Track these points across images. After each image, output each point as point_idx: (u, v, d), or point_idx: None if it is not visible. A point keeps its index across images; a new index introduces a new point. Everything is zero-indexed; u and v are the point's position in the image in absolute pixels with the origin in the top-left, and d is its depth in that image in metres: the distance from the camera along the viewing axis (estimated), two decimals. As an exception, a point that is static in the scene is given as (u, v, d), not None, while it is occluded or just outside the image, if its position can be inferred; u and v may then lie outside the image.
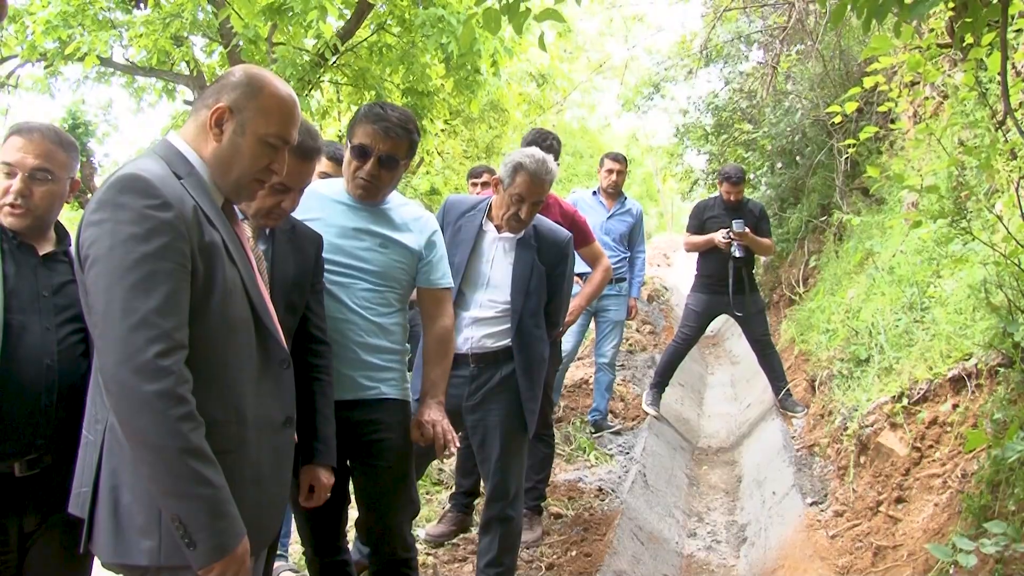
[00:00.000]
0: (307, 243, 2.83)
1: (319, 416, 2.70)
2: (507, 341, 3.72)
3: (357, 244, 3.04)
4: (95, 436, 2.02)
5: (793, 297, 10.52)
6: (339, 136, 14.53)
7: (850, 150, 8.67)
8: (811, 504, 5.02)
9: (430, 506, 5.09)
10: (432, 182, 17.22)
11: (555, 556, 4.53)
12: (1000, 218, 4.28)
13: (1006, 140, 4.02)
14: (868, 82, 4.58)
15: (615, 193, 6.85)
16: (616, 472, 5.92)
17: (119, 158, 18.12)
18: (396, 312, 3.11)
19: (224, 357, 2.00)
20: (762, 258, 10.61)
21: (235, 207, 2.23)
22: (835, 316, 7.38)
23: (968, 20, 2.95)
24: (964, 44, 3.72)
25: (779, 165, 11.98)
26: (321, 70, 10.66)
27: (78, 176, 2.66)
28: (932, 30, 5.23)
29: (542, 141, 4.82)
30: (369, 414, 3.01)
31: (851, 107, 4.56)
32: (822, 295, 8.65)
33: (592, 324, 6.96)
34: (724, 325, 12.04)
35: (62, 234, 2.59)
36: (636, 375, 8.75)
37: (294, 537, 4.48)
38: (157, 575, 1.95)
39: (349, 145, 3.03)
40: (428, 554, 4.43)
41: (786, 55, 11.74)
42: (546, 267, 3.80)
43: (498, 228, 3.77)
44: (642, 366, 9.21)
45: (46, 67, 11.80)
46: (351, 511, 3.17)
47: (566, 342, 5.92)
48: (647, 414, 7.23)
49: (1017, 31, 4.88)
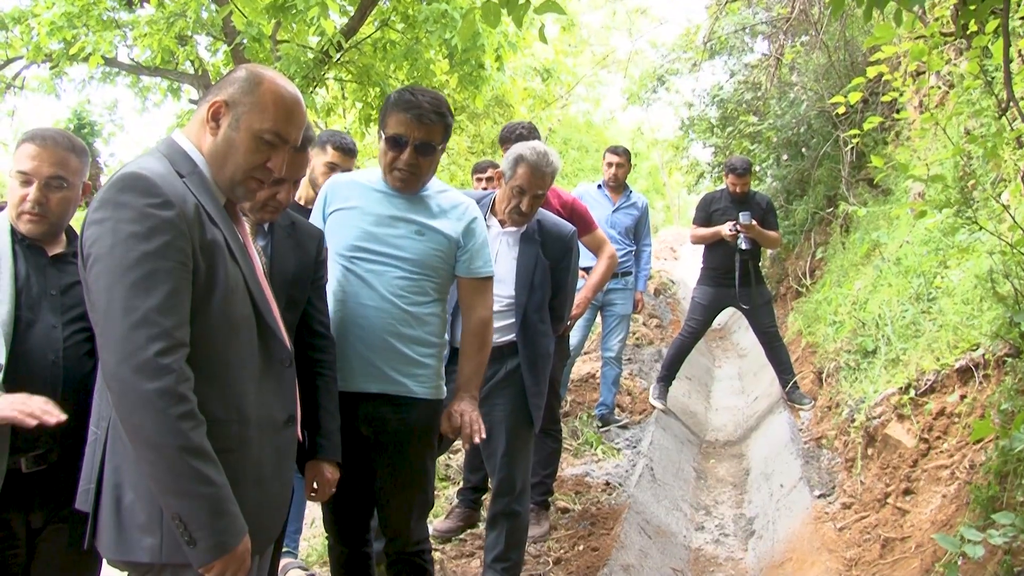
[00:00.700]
0: (307, 239, 2.81)
1: (322, 411, 2.69)
2: (512, 336, 3.71)
3: (392, 232, 2.98)
4: (100, 433, 2.03)
5: (800, 289, 10.50)
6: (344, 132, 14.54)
7: (855, 141, 8.63)
8: (819, 496, 5.01)
9: (438, 502, 5.09)
10: (437, 177, 17.20)
11: (562, 550, 4.53)
12: (1007, 207, 4.26)
13: (1012, 128, 4.00)
14: (871, 72, 4.56)
15: (618, 187, 6.83)
16: (623, 466, 5.92)
17: (125, 158, 18.18)
18: (433, 302, 3.04)
19: (226, 355, 2.00)
20: (768, 251, 10.58)
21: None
22: (842, 308, 7.36)
23: (971, 7, 2.93)
24: (968, 32, 3.70)
25: (784, 157, 11.95)
26: (325, 67, 10.66)
27: (89, 179, 2.67)
28: (937, 19, 5.20)
29: (513, 133, 4.79)
30: (396, 413, 2.97)
31: (855, 97, 4.54)
32: (829, 287, 8.62)
33: (599, 318, 6.96)
34: (731, 318, 12.02)
35: (72, 236, 2.60)
36: (643, 369, 8.73)
37: (304, 533, 4.50)
38: (160, 572, 1.96)
39: (383, 135, 2.96)
40: (436, 549, 4.43)
41: (791, 46, 11.71)
42: (550, 261, 3.79)
43: (502, 223, 3.77)
44: (649, 360, 9.19)
45: (51, 68, 11.84)
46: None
47: (573, 336, 5.91)
48: (654, 408, 7.22)
49: (1022, 18, 4.86)
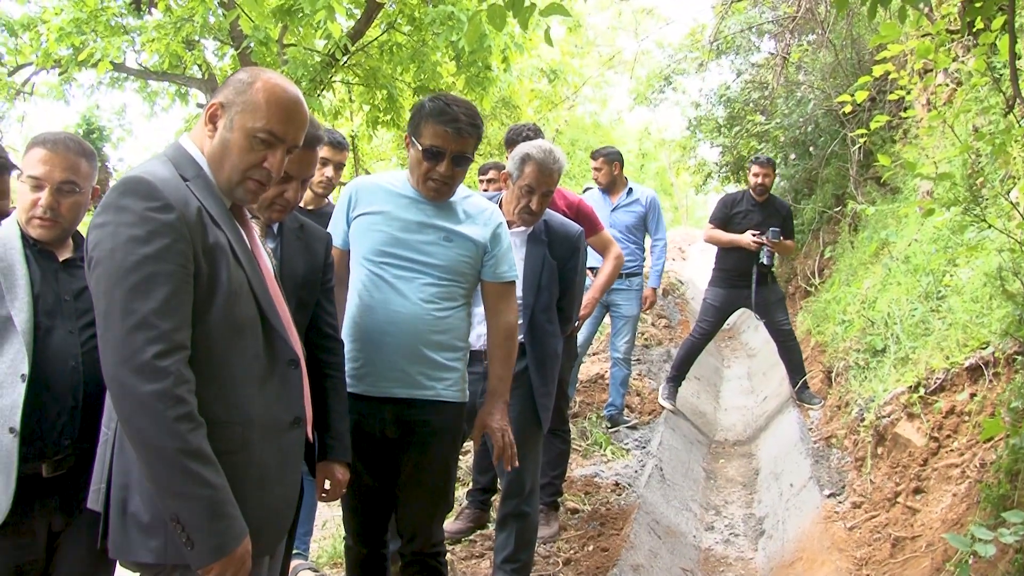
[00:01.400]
0: (315, 241, 2.83)
1: (332, 412, 2.70)
2: (519, 337, 3.71)
3: (421, 238, 3.00)
4: (110, 433, 2.05)
5: (809, 288, 10.48)
6: (351, 135, 14.58)
7: (862, 139, 8.62)
8: (829, 496, 5.00)
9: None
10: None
11: (572, 551, 4.53)
12: (1015, 205, 4.24)
13: (1020, 125, 3.98)
14: (878, 70, 4.56)
15: (609, 187, 6.78)
16: (632, 467, 5.91)
17: (134, 162, 18.23)
18: (460, 307, 3.07)
19: (227, 358, 2.00)
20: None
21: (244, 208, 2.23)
22: (851, 307, 7.35)
23: (977, 4, 2.93)
24: (974, 29, 3.69)
25: (792, 156, 11.92)
26: (332, 70, 10.69)
27: (98, 184, 2.68)
28: (943, 16, 5.19)
29: (519, 135, 4.78)
30: (422, 415, 2.99)
31: (861, 96, 4.53)
32: (837, 286, 8.61)
33: (607, 319, 6.94)
34: (740, 318, 12.00)
35: (79, 240, 2.61)
36: (652, 369, 8.73)
37: (315, 535, 4.50)
38: (170, 573, 1.97)
39: (417, 145, 2.96)
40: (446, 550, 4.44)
41: (797, 45, 11.68)
42: (558, 261, 3.79)
43: (509, 224, 3.77)
44: (658, 360, 9.19)
45: (60, 74, 11.90)
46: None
47: (579, 334, 5.90)
48: (663, 408, 7.21)
49: (1029, 15, 4.84)
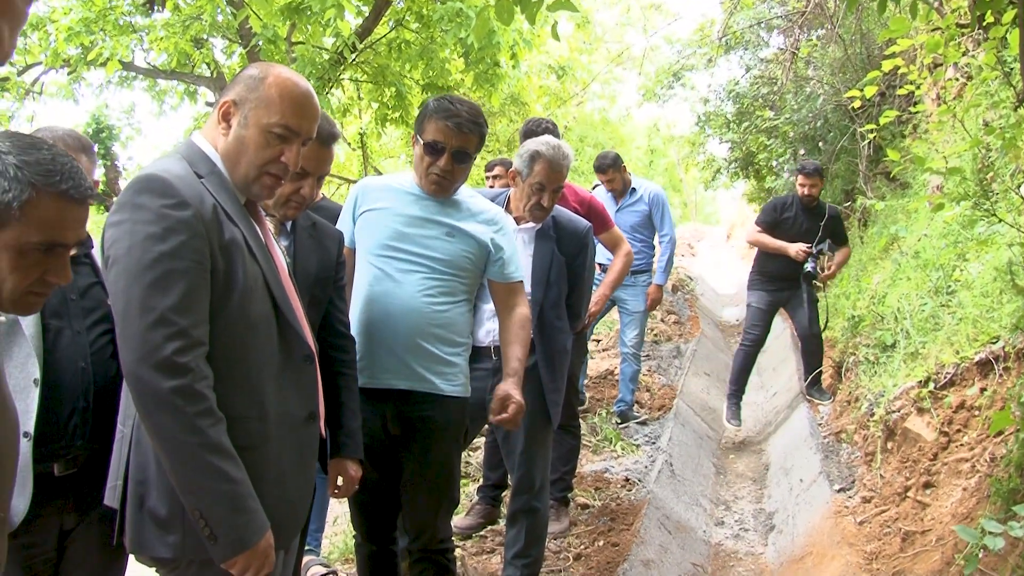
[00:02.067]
0: (328, 239, 2.85)
1: (344, 409, 2.72)
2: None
3: (423, 233, 3.04)
4: (127, 430, 2.07)
5: (818, 284, 10.45)
6: (360, 133, 14.59)
7: (872, 135, 8.59)
8: (839, 491, 5.00)
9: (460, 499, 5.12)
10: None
11: (582, 546, 4.55)
12: (1025, 199, 4.24)
13: (1029, 120, 3.97)
14: (887, 65, 4.55)
15: (618, 191, 6.75)
16: (643, 462, 5.92)
17: (143, 161, 18.27)
18: (461, 303, 3.10)
19: (245, 353, 2.02)
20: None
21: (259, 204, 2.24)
22: (860, 302, 7.34)
23: (986, -1, 2.92)
24: (984, 23, 3.69)
25: (802, 151, 11.90)
26: (341, 68, 10.69)
27: (100, 178, 2.68)
28: (954, 10, 5.18)
29: (538, 127, 4.78)
30: (423, 410, 3.02)
31: (871, 91, 4.53)
32: (847, 281, 8.59)
33: (615, 313, 6.93)
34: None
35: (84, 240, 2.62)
36: (661, 365, 8.73)
37: (326, 531, 4.52)
38: (188, 568, 1.99)
39: (420, 141, 3.04)
40: (456, 546, 4.44)
41: (806, 40, 11.65)
42: (566, 257, 3.80)
43: (517, 220, 3.78)
44: (667, 356, 9.19)
45: (69, 73, 11.94)
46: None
47: None
48: (729, 426, 7.10)
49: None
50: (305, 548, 3.29)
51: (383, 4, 10.51)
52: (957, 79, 7.22)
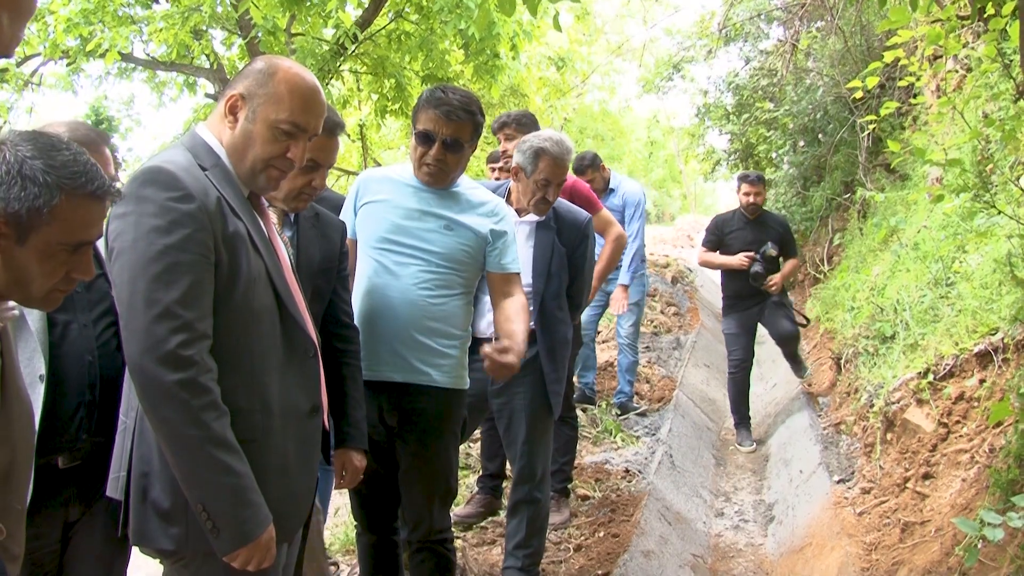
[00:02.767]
0: (331, 230, 2.85)
1: (349, 400, 2.72)
2: (530, 324, 3.73)
3: (421, 226, 3.04)
4: (129, 422, 2.07)
5: (818, 276, 10.48)
6: (360, 125, 14.58)
7: (871, 126, 8.59)
8: (838, 482, 5.02)
9: (459, 490, 5.13)
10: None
11: (583, 537, 4.56)
12: (1025, 191, 4.24)
13: (1029, 111, 3.98)
14: (888, 56, 4.55)
15: (599, 190, 6.60)
16: (643, 453, 5.94)
17: (143, 153, 18.27)
18: (458, 296, 3.08)
19: (248, 346, 2.02)
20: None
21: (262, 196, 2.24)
22: (860, 294, 7.35)
23: (987, -9, 2.92)
24: (984, 15, 3.69)
25: (801, 143, 11.91)
26: (340, 60, 10.68)
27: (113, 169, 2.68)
28: (953, 1, 5.17)
29: (519, 122, 4.74)
30: (420, 402, 3.02)
31: (872, 82, 4.52)
32: (847, 273, 8.60)
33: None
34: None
35: None
36: (661, 357, 8.74)
37: (328, 522, 4.54)
38: (191, 560, 2.00)
39: (414, 131, 3.04)
40: (457, 537, 4.46)
41: (806, 32, 11.64)
42: (567, 248, 3.80)
43: (519, 212, 3.78)
44: (667, 348, 9.20)
45: (68, 64, 11.89)
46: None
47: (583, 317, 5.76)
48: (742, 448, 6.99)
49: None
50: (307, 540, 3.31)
51: (383, -5, 10.50)
52: (957, 71, 7.22)
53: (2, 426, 1.64)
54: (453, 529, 4.52)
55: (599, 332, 8.21)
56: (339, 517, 4.87)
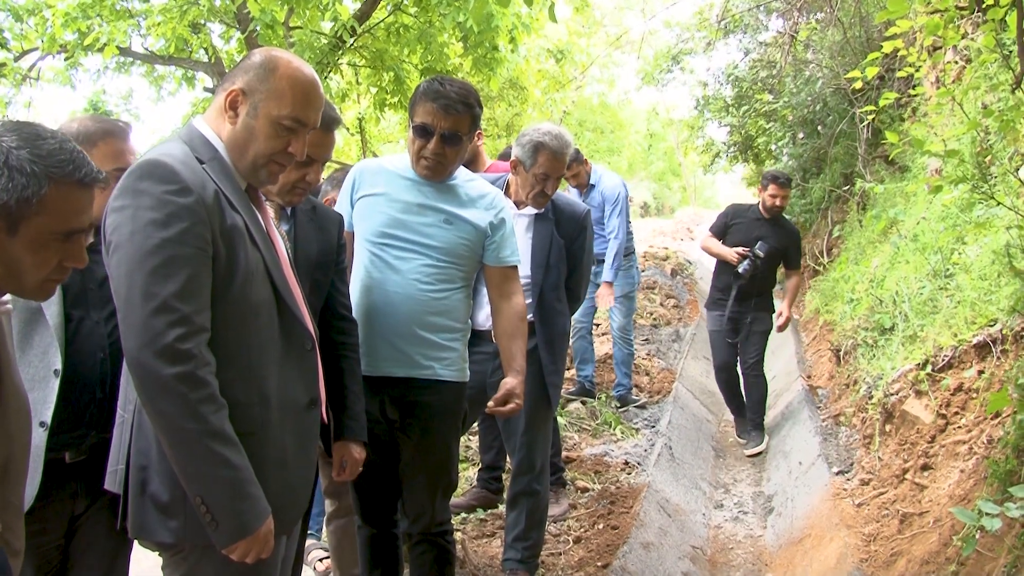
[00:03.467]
0: (328, 223, 2.85)
1: (348, 392, 2.72)
2: (529, 316, 3.73)
3: (420, 220, 3.02)
4: (128, 416, 2.07)
5: (817, 267, 10.48)
6: (359, 118, 14.57)
7: (870, 117, 8.58)
8: (837, 473, 5.03)
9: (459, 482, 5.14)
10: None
11: (582, 529, 4.57)
12: None
13: (1028, 102, 3.97)
14: (887, 47, 4.54)
15: (584, 184, 6.56)
16: (642, 446, 5.95)
17: (141, 146, 18.22)
18: (459, 289, 3.08)
19: (246, 339, 2.02)
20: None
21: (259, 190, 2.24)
22: (859, 285, 7.35)
23: (985, -19, 2.92)
24: (983, 5, 3.68)
25: (800, 135, 11.91)
26: (339, 53, 10.67)
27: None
28: (953, -7, 5.16)
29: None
30: (422, 396, 3.02)
31: (872, 72, 4.50)
32: (846, 264, 8.61)
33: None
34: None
35: (98, 228, 2.61)
36: (660, 349, 8.76)
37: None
38: (189, 553, 2.00)
39: (411, 124, 3.01)
40: (457, 530, 4.47)
41: (805, 23, 11.63)
42: (565, 240, 3.80)
43: (517, 205, 3.78)
44: (667, 340, 9.21)
45: (66, 59, 11.90)
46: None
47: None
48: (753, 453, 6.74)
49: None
50: (307, 532, 3.32)
51: (381, -12, 10.49)
52: (956, 62, 7.21)
53: None
54: (453, 521, 4.55)
55: (597, 325, 8.22)
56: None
